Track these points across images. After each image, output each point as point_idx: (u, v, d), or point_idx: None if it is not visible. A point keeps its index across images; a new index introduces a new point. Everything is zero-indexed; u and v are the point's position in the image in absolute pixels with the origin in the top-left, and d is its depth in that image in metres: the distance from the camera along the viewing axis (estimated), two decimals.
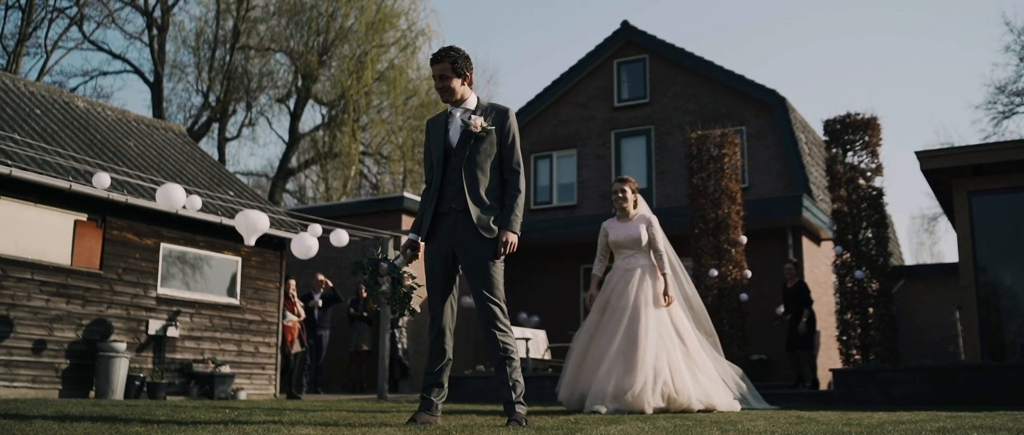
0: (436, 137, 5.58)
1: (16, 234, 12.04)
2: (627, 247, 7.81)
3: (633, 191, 7.93)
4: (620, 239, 7.84)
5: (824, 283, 19.86)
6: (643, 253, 7.79)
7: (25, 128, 13.49)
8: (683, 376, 7.28)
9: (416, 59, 36.06)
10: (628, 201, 7.88)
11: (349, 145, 34.56)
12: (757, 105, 20.64)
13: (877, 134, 13.91)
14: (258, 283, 15.24)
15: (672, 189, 20.88)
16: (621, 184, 7.92)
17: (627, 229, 7.84)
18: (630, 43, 22.39)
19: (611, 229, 7.95)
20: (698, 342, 7.86)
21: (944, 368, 11.43)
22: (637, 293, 7.58)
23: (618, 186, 7.92)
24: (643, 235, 7.75)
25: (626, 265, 7.77)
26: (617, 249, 7.90)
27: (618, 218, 7.99)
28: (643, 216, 7.90)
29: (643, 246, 7.77)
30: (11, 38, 30.40)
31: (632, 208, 7.92)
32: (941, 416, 7.40)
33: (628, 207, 7.89)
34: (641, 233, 7.75)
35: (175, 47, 35.12)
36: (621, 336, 7.41)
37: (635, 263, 7.74)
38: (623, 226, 7.88)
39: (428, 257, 5.57)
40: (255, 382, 14.94)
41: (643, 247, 7.78)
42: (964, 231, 12.60)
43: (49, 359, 12.20)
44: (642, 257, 7.77)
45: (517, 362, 5.38)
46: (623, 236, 7.82)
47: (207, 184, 15.59)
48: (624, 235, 7.82)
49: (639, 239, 7.75)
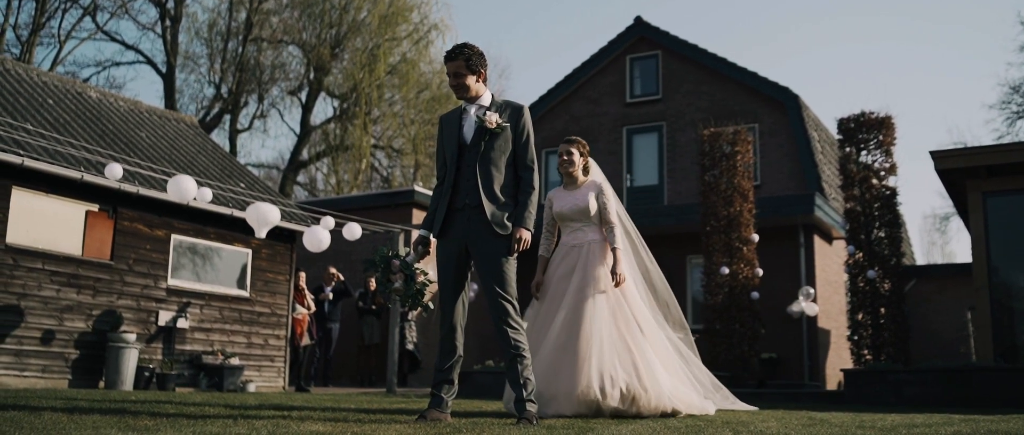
0: (450, 133, 5.56)
1: (28, 224, 12.05)
2: (574, 219, 6.72)
3: (582, 154, 6.81)
4: (565, 210, 6.75)
5: (835, 282, 19.79)
6: (592, 226, 6.72)
7: (38, 118, 13.50)
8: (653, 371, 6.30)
9: (428, 53, 36.06)
10: (575, 165, 6.78)
11: (360, 138, 34.56)
12: (770, 103, 20.55)
13: (891, 133, 13.83)
14: (268, 275, 15.24)
15: (684, 186, 20.82)
16: (567, 145, 6.80)
17: (574, 197, 6.74)
18: (643, 39, 22.32)
19: (556, 198, 6.86)
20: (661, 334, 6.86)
21: (956, 370, 11.36)
22: (584, 274, 6.54)
23: (564, 147, 6.81)
24: (591, 204, 6.67)
25: (572, 241, 6.71)
26: (563, 222, 6.81)
27: (565, 186, 6.88)
28: (593, 182, 6.81)
29: (591, 217, 6.69)
30: (25, 28, 30.50)
31: (581, 173, 6.84)
32: (955, 419, 7.35)
33: (576, 172, 6.80)
34: (589, 201, 6.68)
35: (188, 38, 35.23)
36: (560, 327, 6.39)
37: (583, 238, 6.69)
38: (569, 195, 6.77)
39: (440, 253, 5.55)
40: (264, 374, 14.94)
41: (592, 218, 6.69)
42: (978, 232, 12.52)
43: (59, 349, 12.22)
44: (591, 231, 6.70)
45: (528, 360, 5.36)
46: (569, 206, 6.72)
47: (218, 176, 15.59)
48: (570, 205, 6.71)
49: (586, 209, 6.66)
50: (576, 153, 6.75)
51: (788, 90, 20.22)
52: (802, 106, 20.15)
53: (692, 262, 19.05)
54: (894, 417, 7.22)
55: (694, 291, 18.75)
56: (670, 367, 6.61)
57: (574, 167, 6.76)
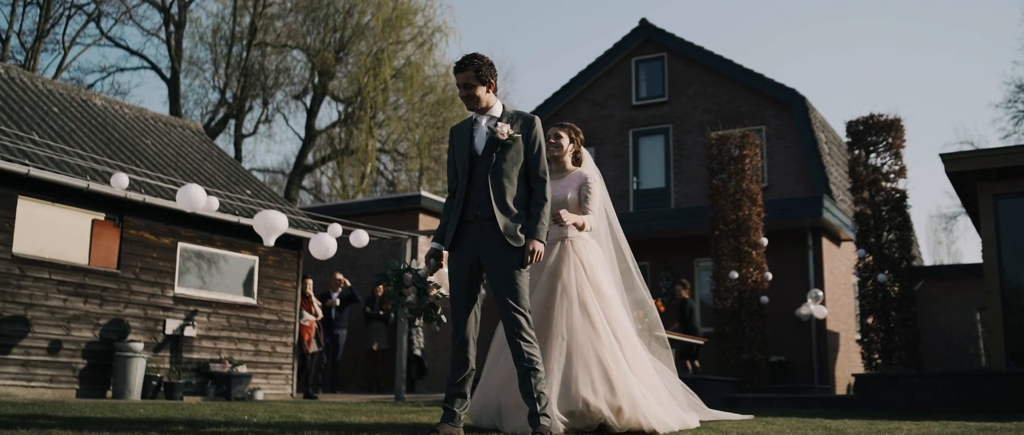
0: (461, 145, 5.51)
1: (34, 233, 12.01)
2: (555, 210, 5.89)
3: (573, 140, 6.16)
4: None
5: (843, 284, 19.71)
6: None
7: (44, 126, 13.47)
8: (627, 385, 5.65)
9: (432, 56, 36.04)
10: (563, 150, 6.13)
11: (366, 142, 34.51)
12: (777, 104, 20.48)
13: (901, 135, 13.75)
14: (275, 282, 15.19)
15: (690, 189, 20.74)
16: (557, 129, 6.18)
17: (558, 187, 6.03)
18: (649, 41, 22.25)
19: None
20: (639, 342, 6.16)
21: (969, 374, 11.28)
22: (555, 275, 5.88)
23: (553, 130, 6.17)
24: (571, 197, 6.02)
25: (550, 236, 5.78)
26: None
27: (551, 173, 5.93)
28: (580, 174, 6.13)
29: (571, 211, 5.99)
30: (29, 34, 30.50)
31: (569, 161, 6.18)
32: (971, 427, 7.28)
33: (563, 157, 6.15)
34: (568, 195, 6.02)
35: (192, 43, 35.22)
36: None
37: (559, 234, 5.95)
38: (552, 183, 5.92)
39: (452, 266, 5.50)
40: (272, 382, 14.89)
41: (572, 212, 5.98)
42: (989, 235, 12.43)
43: (66, 359, 12.18)
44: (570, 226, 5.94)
45: (542, 374, 5.28)
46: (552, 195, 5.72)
47: (224, 182, 15.55)
48: (553, 194, 5.79)
49: (565, 202, 5.99)
50: (565, 137, 6.14)
51: (795, 91, 20.15)
52: (809, 108, 20.08)
53: (700, 265, 18.98)
54: (909, 425, 7.15)
55: (703, 295, 18.68)
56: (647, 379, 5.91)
57: (561, 151, 6.12)
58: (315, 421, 6.40)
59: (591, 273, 5.95)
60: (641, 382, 5.81)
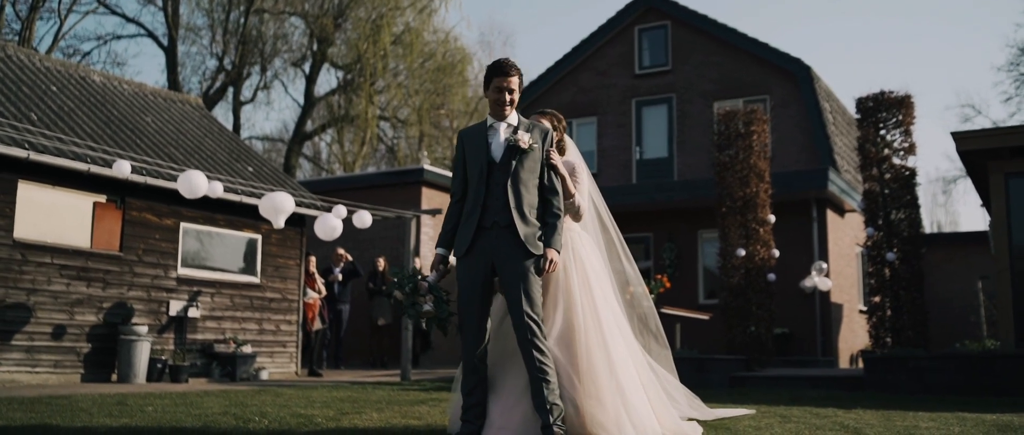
0: (476, 151, 5.42)
1: (35, 218, 11.87)
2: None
3: (556, 127, 5.81)
4: None
5: (847, 255, 19.64)
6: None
7: (42, 105, 13.29)
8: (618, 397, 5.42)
9: (432, 22, 35.72)
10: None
11: (365, 109, 34.29)
12: (781, 74, 20.27)
13: (911, 113, 13.55)
14: (278, 261, 15.09)
15: (694, 159, 20.59)
16: (539, 116, 5.88)
17: None
18: (652, 9, 21.97)
19: None
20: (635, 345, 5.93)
21: (979, 357, 11.21)
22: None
23: (535, 118, 5.84)
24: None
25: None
26: None
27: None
28: (567, 162, 5.86)
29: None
30: (24, 3, 30.11)
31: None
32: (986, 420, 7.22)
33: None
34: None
35: (189, 10, 34.84)
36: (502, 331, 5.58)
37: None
38: None
39: (464, 272, 5.40)
40: (276, 360, 14.84)
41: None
42: (999, 214, 12.31)
43: (70, 344, 12.10)
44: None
45: (554, 383, 5.22)
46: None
47: (225, 159, 15.40)
48: None
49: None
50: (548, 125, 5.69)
51: (800, 61, 19.94)
52: (814, 78, 19.88)
53: (704, 237, 18.89)
54: (927, 422, 7.07)
55: (707, 265, 18.62)
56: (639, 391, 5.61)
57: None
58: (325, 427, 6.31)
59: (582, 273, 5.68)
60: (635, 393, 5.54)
